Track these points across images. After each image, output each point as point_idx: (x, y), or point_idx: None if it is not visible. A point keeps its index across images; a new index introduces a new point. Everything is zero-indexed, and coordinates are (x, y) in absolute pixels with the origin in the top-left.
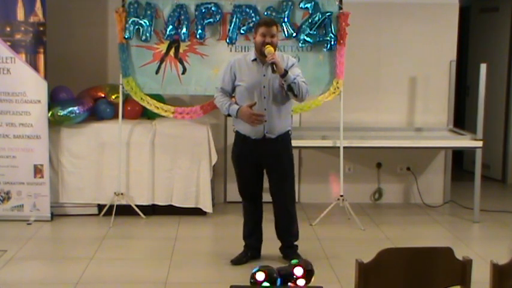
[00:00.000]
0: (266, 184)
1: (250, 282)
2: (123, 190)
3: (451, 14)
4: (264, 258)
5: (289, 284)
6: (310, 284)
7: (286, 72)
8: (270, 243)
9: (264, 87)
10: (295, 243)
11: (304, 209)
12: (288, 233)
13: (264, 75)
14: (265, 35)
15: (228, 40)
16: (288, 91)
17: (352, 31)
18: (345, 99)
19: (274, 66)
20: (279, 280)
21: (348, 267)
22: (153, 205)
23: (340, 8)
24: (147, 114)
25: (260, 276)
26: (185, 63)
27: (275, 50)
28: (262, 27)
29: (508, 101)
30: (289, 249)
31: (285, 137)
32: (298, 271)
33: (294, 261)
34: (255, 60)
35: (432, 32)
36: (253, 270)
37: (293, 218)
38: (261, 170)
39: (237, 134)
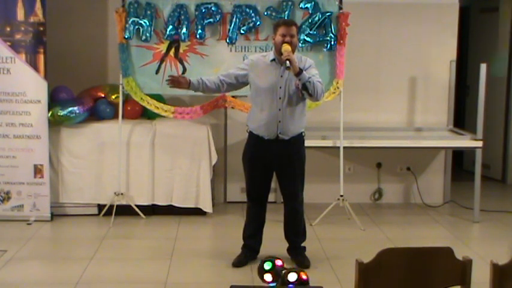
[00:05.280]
0: (272, 185)
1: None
2: (123, 190)
3: (451, 14)
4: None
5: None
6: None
7: (301, 70)
8: (271, 244)
9: (280, 87)
10: (303, 244)
11: (304, 209)
12: (295, 233)
13: (281, 76)
14: (285, 35)
15: (228, 40)
16: (303, 90)
17: (352, 31)
18: (345, 99)
19: (289, 63)
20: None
21: (348, 268)
22: (153, 205)
23: (340, 8)
24: (147, 114)
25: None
26: (185, 63)
27: (294, 51)
28: (281, 27)
29: (508, 101)
30: (296, 251)
31: (298, 139)
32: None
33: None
34: (273, 60)
35: (432, 32)
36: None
37: (301, 220)
38: (272, 171)
39: (250, 134)
